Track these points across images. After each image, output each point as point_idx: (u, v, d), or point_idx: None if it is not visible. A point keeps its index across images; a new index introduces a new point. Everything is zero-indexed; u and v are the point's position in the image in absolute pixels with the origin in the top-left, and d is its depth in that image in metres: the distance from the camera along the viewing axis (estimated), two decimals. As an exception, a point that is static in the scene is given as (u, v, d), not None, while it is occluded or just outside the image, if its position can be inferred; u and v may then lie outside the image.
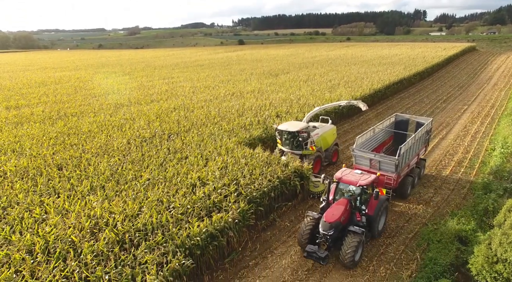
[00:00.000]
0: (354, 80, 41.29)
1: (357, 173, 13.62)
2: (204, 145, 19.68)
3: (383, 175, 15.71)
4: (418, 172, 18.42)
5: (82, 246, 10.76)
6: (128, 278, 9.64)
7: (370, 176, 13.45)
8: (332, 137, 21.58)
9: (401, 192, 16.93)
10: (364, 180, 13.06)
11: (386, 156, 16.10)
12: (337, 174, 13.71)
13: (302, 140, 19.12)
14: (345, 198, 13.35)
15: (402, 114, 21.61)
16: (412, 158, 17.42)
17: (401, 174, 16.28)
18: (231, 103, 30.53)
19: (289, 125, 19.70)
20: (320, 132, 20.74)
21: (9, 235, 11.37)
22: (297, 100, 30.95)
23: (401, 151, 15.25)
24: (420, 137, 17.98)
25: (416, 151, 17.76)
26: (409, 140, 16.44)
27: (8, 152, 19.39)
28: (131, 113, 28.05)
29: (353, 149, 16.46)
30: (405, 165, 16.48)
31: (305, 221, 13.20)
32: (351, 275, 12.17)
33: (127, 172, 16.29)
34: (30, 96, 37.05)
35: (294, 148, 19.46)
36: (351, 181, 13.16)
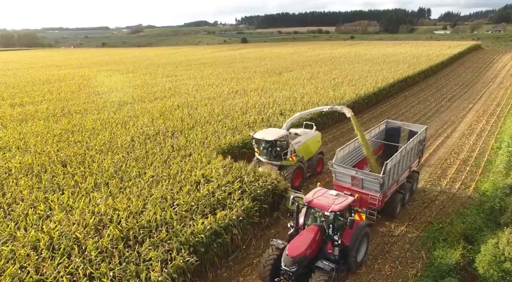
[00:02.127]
0: (358, 78, 41.11)
1: (332, 194, 11.51)
2: (208, 142, 19.63)
3: (366, 194, 13.87)
4: (409, 187, 16.37)
5: (86, 243, 10.75)
6: (133, 274, 9.61)
7: (346, 199, 11.28)
8: (316, 145, 19.60)
9: (389, 211, 15.06)
10: (338, 205, 10.86)
11: (369, 173, 14.06)
12: (308, 195, 11.54)
13: (280, 150, 17.06)
14: (316, 225, 11.23)
15: (393, 121, 19.59)
16: (402, 172, 15.47)
17: (388, 192, 14.35)
18: (234, 101, 30.47)
19: (267, 133, 17.59)
20: (302, 140, 18.52)
21: (14, 231, 11.39)
22: (300, 98, 30.85)
23: (387, 167, 13.21)
24: (412, 148, 15.95)
25: (407, 164, 15.76)
26: (397, 154, 14.37)
27: (13, 149, 19.44)
28: (135, 111, 28.06)
29: (332, 164, 14.33)
30: (393, 182, 14.56)
31: (268, 251, 11.14)
32: (356, 274, 12.08)
33: (131, 169, 16.28)
34: (34, 94, 37.14)
35: (272, 158, 17.39)
36: (322, 205, 10.95)
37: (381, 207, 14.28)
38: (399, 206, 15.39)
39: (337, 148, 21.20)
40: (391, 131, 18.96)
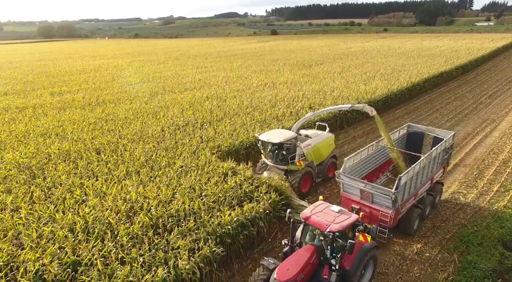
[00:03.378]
0: (390, 72, 39.77)
1: (333, 210, 10.07)
2: (236, 135, 19.73)
3: (377, 209, 12.31)
4: (430, 201, 14.58)
5: (118, 228, 11.16)
6: (161, 261, 9.89)
7: (349, 218, 9.74)
8: (328, 149, 17.92)
9: (405, 228, 13.44)
10: (338, 224, 9.37)
11: (380, 187, 12.13)
12: (306, 210, 10.17)
13: (287, 153, 15.79)
14: (312, 244, 9.79)
15: (416, 125, 17.64)
16: (422, 185, 13.76)
17: (403, 208, 12.74)
18: (263, 94, 30.39)
19: (273, 134, 16.34)
20: (312, 143, 16.99)
21: (54, 213, 12.01)
22: (330, 92, 30.30)
23: (401, 181, 11.59)
24: (436, 158, 14.19)
25: (428, 176, 14.04)
26: (416, 165, 12.65)
27: (52, 136, 20.45)
28: (165, 101, 28.66)
29: (339, 174, 12.87)
30: (410, 197, 13.01)
31: (257, 271, 10.09)
32: (382, 273, 11.83)
33: (161, 158, 16.68)
34: (72, 83, 38.78)
35: (279, 162, 16.17)
36: (320, 223, 9.53)
37: (394, 225, 12.63)
38: (417, 222, 13.64)
39: (356, 149, 20.37)
40: (413, 136, 17.06)
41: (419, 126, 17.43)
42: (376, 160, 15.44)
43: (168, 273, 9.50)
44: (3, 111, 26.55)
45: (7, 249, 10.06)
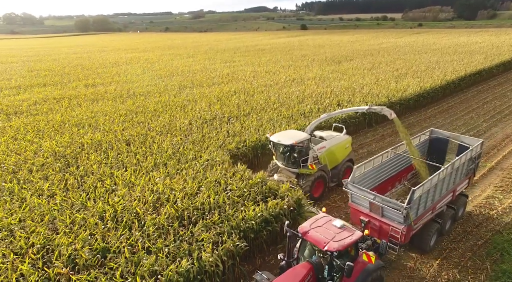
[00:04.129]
0: (424, 70, 38.28)
1: (335, 225, 9.15)
2: (262, 130, 19.72)
3: (387, 224, 11.15)
4: (451, 215, 13.23)
5: (145, 218, 11.48)
6: (186, 253, 10.08)
7: (351, 235, 8.82)
8: (343, 152, 16.92)
9: (420, 245, 12.37)
10: (338, 242, 8.51)
11: (391, 200, 10.95)
12: (305, 224, 9.41)
13: (298, 156, 15.07)
14: (309, 262, 9.02)
15: (440, 130, 16.15)
16: (442, 198, 12.56)
17: (417, 224, 11.55)
18: (291, 90, 30.15)
19: (285, 135, 15.58)
20: (327, 145, 16.11)
21: (85, 201, 12.53)
22: (360, 89, 29.60)
23: (414, 195, 10.46)
24: (459, 168, 12.87)
25: (449, 187, 12.80)
26: (434, 177, 11.38)
27: (86, 126, 21.29)
28: (194, 95, 29.08)
29: (346, 184, 11.88)
30: (426, 211, 11.85)
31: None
32: (408, 276, 11.51)
33: (188, 151, 16.96)
34: (105, 76, 40.15)
35: (290, 165, 15.52)
36: (318, 240, 8.72)
37: (406, 242, 11.47)
38: (434, 238, 12.45)
39: (384, 149, 19.19)
40: (436, 143, 15.68)
41: (443, 132, 15.91)
42: (392, 167, 14.20)
43: (192, 264, 9.67)
44: (42, 102, 27.89)
45: (44, 233, 10.61)
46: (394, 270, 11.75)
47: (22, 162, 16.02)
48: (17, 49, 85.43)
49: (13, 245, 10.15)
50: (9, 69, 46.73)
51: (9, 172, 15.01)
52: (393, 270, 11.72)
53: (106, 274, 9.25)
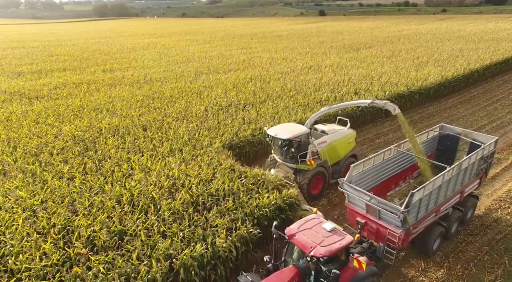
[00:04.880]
0: (446, 58, 37.02)
1: (325, 228, 8.62)
2: (278, 118, 19.62)
3: (384, 227, 10.37)
4: (457, 217, 12.37)
5: (161, 203, 11.70)
6: (200, 238, 10.25)
7: (341, 240, 8.26)
8: (346, 147, 16.08)
9: (421, 248, 11.75)
10: (325, 247, 7.98)
11: (387, 203, 10.11)
12: (292, 226, 8.91)
13: (295, 150, 14.36)
14: (295, 266, 8.58)
15: (451, 126, 14.98)
16: (447, 200, 11.70)
17: (416, 228, 10.68)
18: (308, 77, 29.76)
19: (283, 129, 14.87)
20: (328, 140, 15.31)
21: (103, 184, 12.84)
22: (378, 78, 28.93)
23: (412, 198, 9.64)
24: (468, 168, 11.98)
25: (456, 189, 11.88)
26: (436, 179, 10.47)
27: (104, 111, 21.65)
28: (210, 81, 29.08)
29: (342, 183, 11.08)
30: (428, 214, 11.02)
31: None
32: (422, 269, 11.40)
33: (203, 138, 17.06)
34: (122, 61, 40.52)
35: (288, 160, 14.92)
36: (304, 244, 8.22)
37: (405, 246, 10.70)
38: (437, 242, 11.78)
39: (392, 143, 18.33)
40: (445, 140, 14.71)
41: (454, 128, 14.76)
42: (396, 165, 13.36)
43: (206, 249, 9.84)
44: (62, 86, 28.45)
45: (64, 214, 10.97)
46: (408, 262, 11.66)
47: (43, 145, 16.48)
48: (38, 34, 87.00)
49: (36, 225, 10.55)
50: (31, 54, 47.73)
51: (31, 155, 15.48)
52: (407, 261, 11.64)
53: (123, 255, 9.53)
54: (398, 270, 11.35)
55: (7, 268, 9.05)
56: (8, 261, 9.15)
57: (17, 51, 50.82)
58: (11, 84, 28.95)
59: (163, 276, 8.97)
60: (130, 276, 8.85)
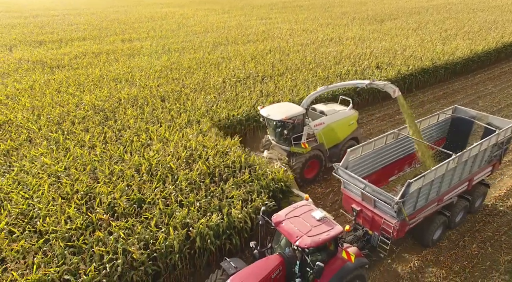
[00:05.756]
0: (477, 30, 35.00)
1: (314, 216, 8.22)
2: (296, 91, 19.31)
3: (380, 216, 9.83)
4: (463, 206, 11.68)
5: (178, 173, 11.93)
6: (216, 208, 10.50)
7: (330, 230, 7.90)
8: (346, 129, 15.07)
9: (420, 238, 11.19)
10: (311, 237, 7.63)
11: (382, 192, 9.41)
12: (280, 213, 8.60)
13: (288, 133, 13.52)
14: (280, 255, 8.34)
15: (466, 108, 13.79)
16: (452, 189, 10.93)
17: (414, 219, 10.08)
18: (328, 50, 28.88)
19: (276, 109, 13.92)
20: (326, 121, 14.39)
21: (123, 154, 13.15)
22: (402, 51, 27.77)
23: (409, 188, 8.95)
24: (480, 155, 11.14)
25: (462, 177, 11.09)
26: (438, 168, 9.64)
27: (123, 81, 21.81)
28: (228, 52, 28.66)
29: (337, 169, 10.44)
30: (427, 204, 10.35)
31: (214, 275, 8.77)
32: (435, 246, 11.38)
33: (221, 110, 17.05)
34: (141, 31, 40.25)
35: (282, 141, 14.22)
36: (290, 232, 7.89)
37: (400, 236, 10.06)
38: (439, 232, 11.19)
39: (422, 116, 17.50)
40: (458, 123, 13.71)
41: (469, 110, 13.58)
42: (400, 150, 12.53)
43: (222, 219, 10.10)
44: (82, 56, 28.68)
45: (86, 181, 11.38)
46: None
47: (65, 114, 16.87)
48: (57, 2, 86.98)
49: (60, 190, 11.01)
50: (51, 23, 47.97)
51: (54, 123, 15.92)
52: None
53: (142, 222, 9.89)
54: (411, 247, 11.38)
55: (36, 229, 9.58)
56: (37, 223, 9.66)
57: (38, 20, 51.17)
58: (34, 53, 29.40)
59: (180, 244, 9.31)
60: (149, 242, 9.22)
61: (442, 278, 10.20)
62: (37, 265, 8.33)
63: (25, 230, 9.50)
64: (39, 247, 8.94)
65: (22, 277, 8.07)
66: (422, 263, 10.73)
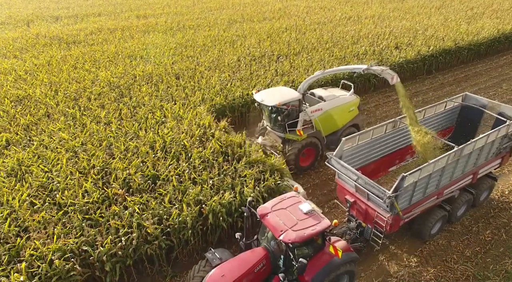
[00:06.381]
0: (507, 8, 33.33)
1: (302, 209, 7.81)
2: (312, 71, 18.97)
3: (373, 209, 9.43)
4: (466, 200, 11.05)
5: (191, 151, 12.04)
6: (229, 186, 10.60)
7: (317, 224, 7.51)
8: (346, 116, 14.33)
9: (417, 232, 10.64)
10: (296, 232, 7.28)
11: (374, 185, 8.90)
12: (266, 204, 8.19)
13: (282, 119, 12.91)
14: (265, 248, 8.06)
15: (477, 96, 12.80)
16: (453, 183, 10.34)
17: (409, 213, 9.61)
18: (346, 29, 28.06)
19: (271, 93, 13.33)
20: (324, 107, 13.64)
21: (137, 130, 13.32)
22: (423, 31, 26.76)
23: (403, 182, 8.45)
24: (487, 147, 10.42)
25: (465, 171, 10.43)
26: (437, 161, 9.02)
27: (138, 58, 21.81)
28: (243, 30, 28.20)
29: (330, 158, 9.95)
30: (425, 199, 9.81)
31: (198, 265, 8.41)
32: (447, 231, 11.30)
33: (235, 88, 16.94)
34: (155, 7, 39.84)
35: (276, 128, 13.73)
36: (275, 226, 7.51)
37: (394, 231, 9.65)
38: (437, 226, 10.67)
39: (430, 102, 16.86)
40: (467, 112, 12.85)
41: (481, 99, 12.59)
42: (401, 139, 11.79)
43: (234, 197, 10.22)
44: (97, 32, 28.69)
45: (102, 157, 11.63)
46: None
47: (82, 90, 17.08)
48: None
49: (78, 165, 11.29)
50: (66, -3, 47.91)
51: (71, 99, 16.15)
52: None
53: (156, 198, 10.11)
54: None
55: (55, 202, 9.92)
56: (56, 195, 10.00)
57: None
58: (50, 29, 29.56)
59: (193, 220, 9.50)
60: (163, 218, 9.45)
61: (453, 262, 10.18)
62: (57, 236, 8.68)
63: (45, 202, 9.85)
64: (59, 219, 9.29)
65: (43, 246, 8.44)
66: (434, 247, 10.71)
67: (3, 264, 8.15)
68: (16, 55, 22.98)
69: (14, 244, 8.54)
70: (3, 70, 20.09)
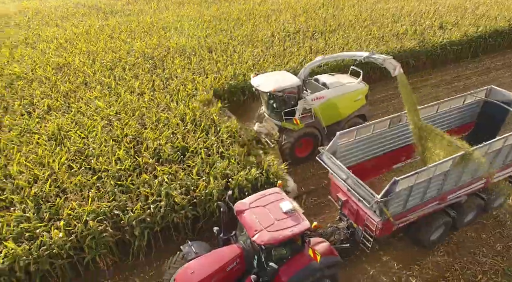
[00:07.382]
0: None
1: (282, 208, 7.32)
2: (347, 49, 18.28)
3: (364, 211, 8.72)
4: (476, 205, 10.02)
5: (220, 125, 12.16)
6: (254, 163, 10.71)
7: (295, 226, 7.05)
8: (351, 105, 13.10)
9: (416, 238, 9.70)
10: (271, 233, 6.84)
11: (364, 187, 8.18)
12: (245, 200, 7.72)
13: (279, 106, 12.20)
14: (239, 246, 7.67)
15: (504, 91, 11.15)
16: (460, 188, 9.29)
17: (403, 219, 8.73)
18: (387, 5, 26.57)
19: (269, 79, 12.44)
20: (327, 95, 12.58)
21: (169, 102, 13.55)
22: (473, 10, 24.86)
23: (395, 187, 7.63)
24: (505, 149, 9.26)
25: (479, 174, 9.34)
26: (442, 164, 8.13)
27: (172, 30, 21.88)
28: (279, 4, 27.43)
29: (322, 153, 9.22)
30: (423, 204, 8.88)
31: (173, 258, 8.08)
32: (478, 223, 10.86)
33: (267, 64, 16.69)
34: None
35: (273, 115, 12.93)
36: (250, 224, 7.09)
37: (385, 234, 9.01)
38: (439, 232, 9.65)
39: (471, 88, 15.69)
40: (491, 109, 11.30)
41: (508, 94, 10.98)
42: (409, 134, 10.49)
43: (261, 174, 10.31)
44: (134, 2, 28.92)
45: (135, 126, 11.99)
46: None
47: (117, 60, 17.45)
48: None
49: (112, 133, 11.73)
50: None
51: (107, 68, 16.59)
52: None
53: (185, 170, 10.37)
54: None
55: (91, 167, 10.44)
56: (91, 161, 10.50)
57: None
58: (89, -2, 30.11)
59: (219, 193, 9.70)
60: (190, 189, 9.72)
61: (481, 255, 9.86)
62: (91, 198, 9.20)
63: (81, 166, 10.38)
64: (93, 183, 9.80)
65: (79, 207, 8.99)
66: (463, 238, 10.39)
67: (45, 220, 8.78)
68: (57, 24, 23.72)
69: (53, 203, 9.14)
70: (45, 38, 20.86)
